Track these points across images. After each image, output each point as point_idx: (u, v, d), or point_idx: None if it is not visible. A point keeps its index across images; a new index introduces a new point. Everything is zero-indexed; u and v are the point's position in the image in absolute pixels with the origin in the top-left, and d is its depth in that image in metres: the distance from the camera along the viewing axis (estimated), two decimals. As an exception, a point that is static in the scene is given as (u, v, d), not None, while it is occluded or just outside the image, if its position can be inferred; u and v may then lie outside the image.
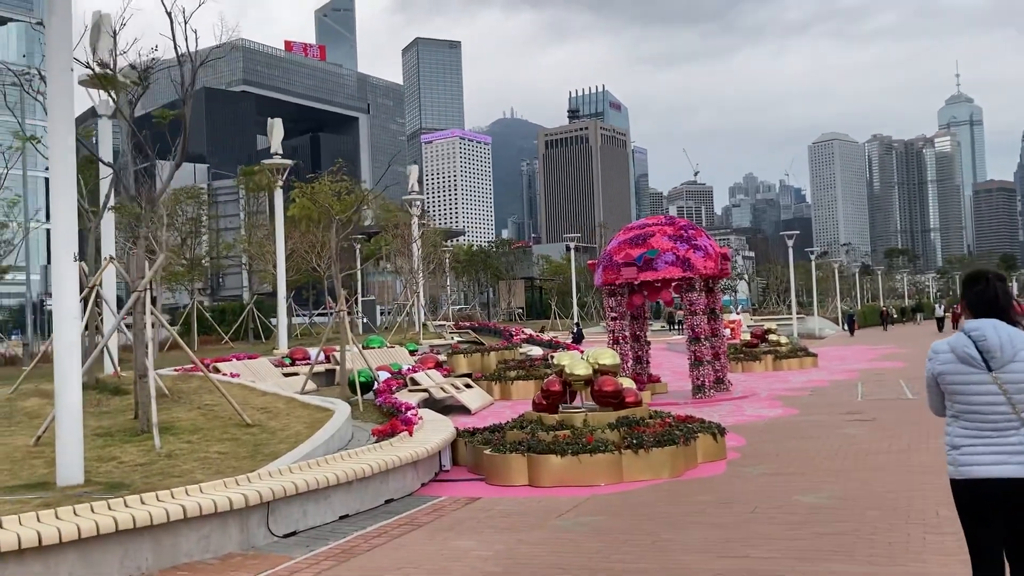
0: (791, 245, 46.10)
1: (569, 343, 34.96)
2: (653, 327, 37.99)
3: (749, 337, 29.50)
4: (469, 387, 19.25)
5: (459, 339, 33.65)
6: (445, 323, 44.06)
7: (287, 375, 20.44)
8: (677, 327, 56.14)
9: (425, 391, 17.48)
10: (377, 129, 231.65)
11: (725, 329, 21.90)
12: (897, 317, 69.10)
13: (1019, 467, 3.71)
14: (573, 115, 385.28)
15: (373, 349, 24.98)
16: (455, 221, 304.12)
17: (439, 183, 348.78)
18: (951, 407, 3.89)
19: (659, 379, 20.24)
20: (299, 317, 48.25)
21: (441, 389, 18.09)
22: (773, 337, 28.66)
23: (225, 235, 45.36)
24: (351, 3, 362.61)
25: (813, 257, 63.71)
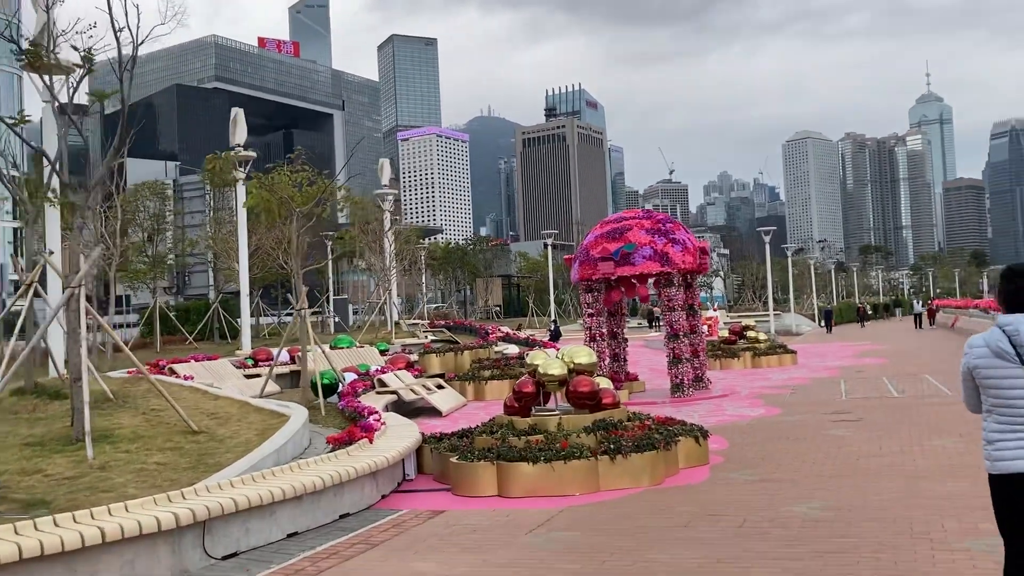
0: (768, 241, 45.74)
1: (546, 341, 34.32)
2: (630, 324, 37.41)
3: (727, 334, 29.01)
4: (441, 388, 18.47)
5: (433, 338, 32.85)
6: (419, 322, 43.21)
7: (249, 376, 19.55)
8: (655, 324, 55.73)
9: (394, 393, 16.68)
10: (352, 126, 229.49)
11: (703, 326, 21.34)
12: (873, 313, 69.19)
13: None
14: (550, 113, 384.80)
15: (341, 349, 24.11)
16: (432, 219, 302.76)
17: (416, 181, 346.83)
18: (986, 402, 3.87)
19: (636, 377, 19.62)
20: (268, 317, 47.13)
21: (411, 391, 17.30)
22: (752, 334, 28.16)
23: (191, 232, 44.11)
24: (325, 0, 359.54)
25: (790, 253, 63.57)
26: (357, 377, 17.59)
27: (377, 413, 11.58)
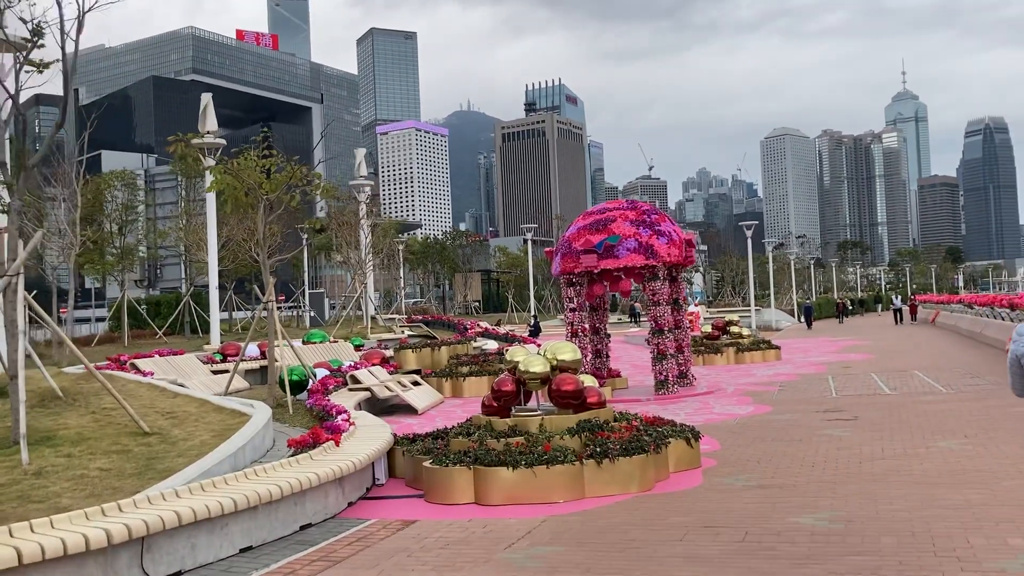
0: (749, 236, 45.33)
1: (526, 337, 33.66)
2: (611, 319, 36.83)
3: (710, 329, 28.49)
4: (417, 384, 17.72)
5: (410, 333, 32.06)
6: (396, 317, 42.37)
7: (217, 372, 18.75)
8: (637, 319, 55.22)
9: (367, 390, 15.89)
10: (331, 119, 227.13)
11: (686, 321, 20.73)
12: (852, 309, 69.14)
13: None
14: (530, 108, 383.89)
15: (314, 344, 23.35)
16: (411, 214, 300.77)
17: (395, 175, 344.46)
18: None
19: (619, 374, 18.99)
20: (241, 311, 46.00)
21: (385, 387, 16.51)
22: (735, 329, 27.65)
23: (162, 223, 42.84)
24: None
25: (771, 249, 63.29)
26: (329, 373, 16.84)
27: (346, 412, 10.83)
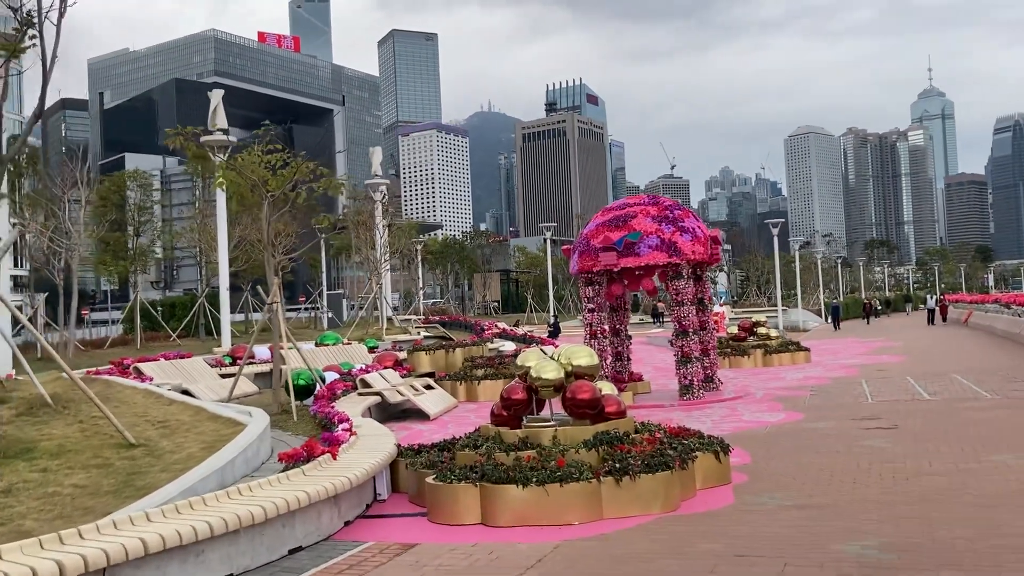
0: (776, 234, 44.29)
1: (545, 338, 32.95)
2: (632, 320, 36.00)
3: (736, 330, 27.58)
4: (430, 388, 17.04)
5: (425, 334, 31.46)
6: (413, 318, 41.80)
7: (225, 376, 18.17)
8: (660, 320, 54.25)
9: (377, 394, 15.23)
10: (352, 121, 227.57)
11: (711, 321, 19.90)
12: (881, 309, 67.64)
13: None
14: (550, 108, 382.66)
15: (327, 346, 22.81)
16: (432, 215, 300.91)
17: (416, 176, 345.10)
18: None
19: (641, 377, 18.17)
20: (258, 313, 45.56)
21: (397, 392, 15.84)
22: (762, 330, 26.73)
23: (178, 224, 42.59)
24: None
25: (797, 248, 62.07)
26: (338, 377, 16.22)
27: (348, 421, 10.16)
